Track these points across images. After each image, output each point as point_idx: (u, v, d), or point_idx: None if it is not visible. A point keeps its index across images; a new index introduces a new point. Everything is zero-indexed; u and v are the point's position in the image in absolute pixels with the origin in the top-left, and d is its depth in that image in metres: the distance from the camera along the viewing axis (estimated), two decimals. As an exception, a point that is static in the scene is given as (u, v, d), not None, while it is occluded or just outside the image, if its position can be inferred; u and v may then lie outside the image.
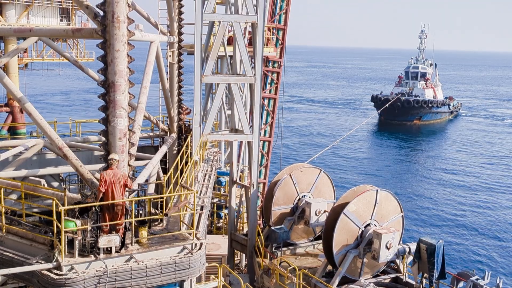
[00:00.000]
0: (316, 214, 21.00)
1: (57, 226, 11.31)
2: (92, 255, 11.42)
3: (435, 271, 17.59)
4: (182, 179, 14.99)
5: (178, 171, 15.55)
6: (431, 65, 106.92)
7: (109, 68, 12.36)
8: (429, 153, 79.39)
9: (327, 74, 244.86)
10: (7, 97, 64.17)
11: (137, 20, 13.89)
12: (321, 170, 22.31)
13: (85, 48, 66.85)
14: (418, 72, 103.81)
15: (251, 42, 21.77)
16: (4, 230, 12.35)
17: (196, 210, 13.44)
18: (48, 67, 70.19)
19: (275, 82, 33.06)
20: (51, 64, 70.19)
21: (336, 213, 18.13)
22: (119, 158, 12.55)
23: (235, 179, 24.23)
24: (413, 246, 18.49)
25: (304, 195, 21.95)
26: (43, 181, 16.05)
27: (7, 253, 11.84)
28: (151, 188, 15.72)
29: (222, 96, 21.54)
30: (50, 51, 63.39)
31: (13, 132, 60.24)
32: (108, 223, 12.09)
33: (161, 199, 13.44)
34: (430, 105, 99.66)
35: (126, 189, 12.34)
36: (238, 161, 28.28)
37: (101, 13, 12.21)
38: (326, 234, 18.27)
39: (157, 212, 13.90)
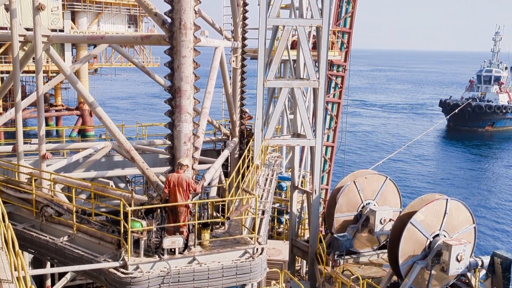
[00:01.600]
0: (381, 222, 20.61)
1: (124, 226, 11.74)
2: (157, 256, 11.75)
3: (510, 287, 16.82)
4: (243, 183, 15.20)
5: (240, 175, 15.77)
6: (506, 68, 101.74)
7: (176, 74, 12.72)
8: (503, 161, 75.52)
9: (393, 78, 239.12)
10: (77, 101, 67.84)
11: (203, 26, 14.22)
12: (386, 177, 21.87)
13: (151, 53, 69.39)
14: (491, 76, 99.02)
15: (315, 46, 21.71)
16: (74, 228, 13.04)
17: (258, 214, 13.60)
18: (116, 72, 73.49)
19: (339, 86, 32.74)
20: (118, 69, 73.47)
21: (402, 222, 17.78)
22: (187, 163, 12.85)
23: (296, 185, 24.19)
24: (486, 260, 17.85)
25: (369, 203, 21.58)
26: (111, 182, 16.79)
27: (77, 251, 12.46)
28: (213, 192, 16.03)
29: (284, 100, 21.61)
30: (118, 56, 66.32)
31: (83, 134, 63.58)
32: (172, 224, 12.42)
33: (223, 203, 13.71)
34: (504, 111, 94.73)
35: (191, 191, 12.64)
36: (300, 166, 28.23)
37: (169, 20, 12.56)
38: (392, 244, 17.94)
39: (219, 215, 14.11)
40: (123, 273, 11.34)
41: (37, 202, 13.84)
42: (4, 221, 10.19)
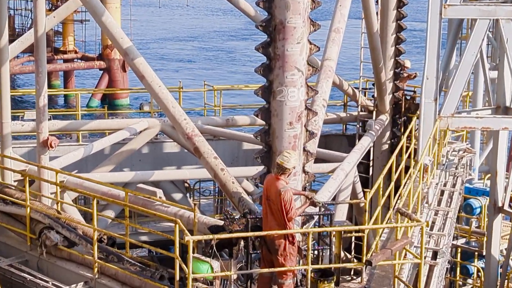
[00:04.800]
0: None
1: (182, 270, 11.91)
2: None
3: None
4: (398, 198, 15.14)
5: (392, 184, 15.62)
6: None
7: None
8: None
9: None
10: (101, 44, 70.34)
11: None
12: None
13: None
14: None
15: None
16: (96, 270, 13.52)
17: (425, 258, 13.50)
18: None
19: None
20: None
21: None
22: (293, 163, 12.81)
23: (501, 204, 23.61)
24: None
25: None
26: (159, 192, 16.46)
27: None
28: (341, 213, 16.26)
29: (480, 45, 21.13)
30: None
31: (110, 103, 65.40)
32: (264, 270, 12.57)
33: (359, 234, 13.76)
34: None
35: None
36: (509, 170, 27.44)
37: None
38: None
39: (351, 257, 14.31)
40: None
41: (32, 221, 14.46)
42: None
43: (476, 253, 26.60)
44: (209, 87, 26.37)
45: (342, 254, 14.03)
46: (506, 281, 24.72)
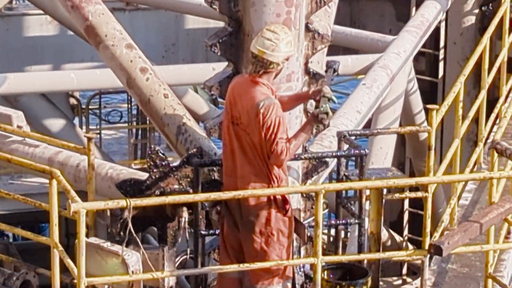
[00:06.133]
0: None
1: (65, 269, 10.71)
2: None
3: None
4: (494, 123, 15.59)
5: (482, 95, 14.92)
6: None
7: None
8: None
9: None
10: None
11: None
12: None
13: None
14: None
15: None
16: None
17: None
18: None
19: None
20: None
21: None
22: (287, 50, 11.04)
23: None
24: None
25: None
26: (17, 116, 15.85)
27: None
28: (383, 154, 15.30)
29: None
30: None
31: None
32: (230, 267, 11.34)
33: (420, 195, 12.65)
34: None
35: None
36: None
37: None
38: None
39: (403, 240, 12.77)
40: None
41: None
42: None
43: None
44: None
45: (385, 234, 12.53)
46: None
